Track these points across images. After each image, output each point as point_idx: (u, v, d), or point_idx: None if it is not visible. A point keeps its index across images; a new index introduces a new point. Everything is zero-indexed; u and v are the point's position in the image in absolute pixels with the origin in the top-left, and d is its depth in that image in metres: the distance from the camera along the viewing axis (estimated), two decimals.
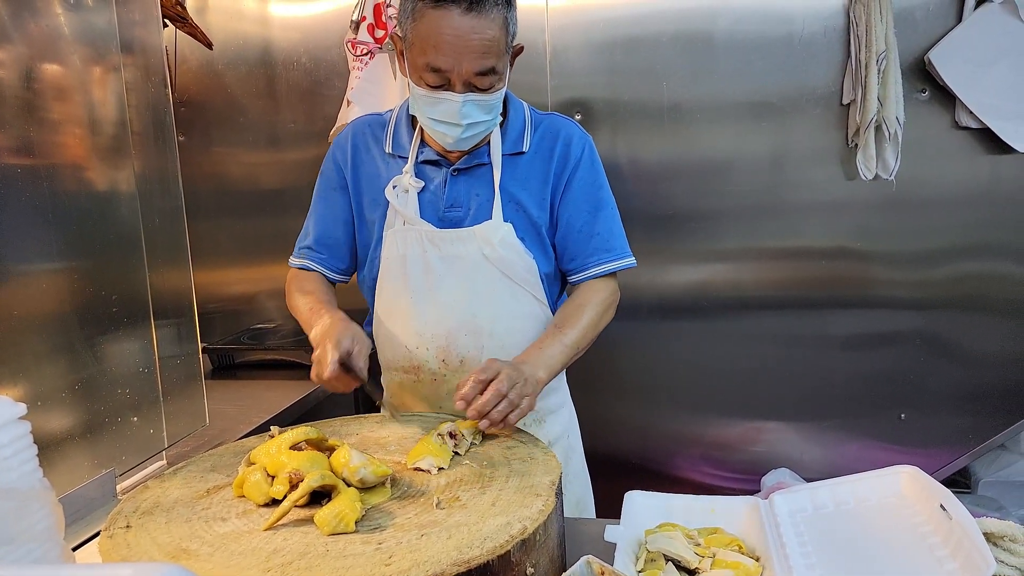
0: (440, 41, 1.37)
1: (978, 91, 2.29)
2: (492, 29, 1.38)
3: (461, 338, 1.57)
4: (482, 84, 1.42)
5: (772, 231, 2.52)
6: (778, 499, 1.25)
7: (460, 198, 1.58)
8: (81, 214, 1.38)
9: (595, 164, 1.65)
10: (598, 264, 1.61)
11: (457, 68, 1.39)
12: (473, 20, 1.36)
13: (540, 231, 1.60)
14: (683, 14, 2.45)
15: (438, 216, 1.58)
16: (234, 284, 2.89)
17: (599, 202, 1.62)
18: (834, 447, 2.61)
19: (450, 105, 1.43)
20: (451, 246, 1.56)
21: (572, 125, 1.66)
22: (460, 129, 1.46)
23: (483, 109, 1.46)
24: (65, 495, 1.26)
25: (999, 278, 2.43)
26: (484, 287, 1.56)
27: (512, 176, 1.59)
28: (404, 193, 1.59)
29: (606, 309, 1.60)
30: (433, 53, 1.39)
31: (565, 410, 1.77)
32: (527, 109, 1.65)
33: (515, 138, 1.60)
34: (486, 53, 1.39)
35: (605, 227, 1.62)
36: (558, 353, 1.47)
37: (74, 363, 1.35)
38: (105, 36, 1.46)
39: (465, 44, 1.37)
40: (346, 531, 0.96)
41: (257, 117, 2.77)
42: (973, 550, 0.95)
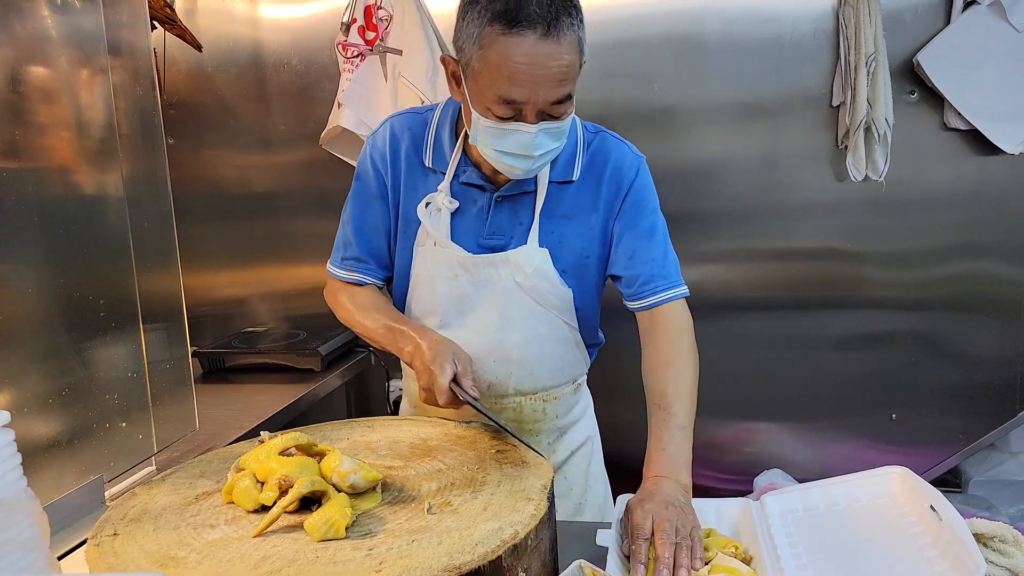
0: (515, 71, 1.24)
1: (966, 93, 2.30)
2: (569, 53, 1.26)
3: (489, 364, 1.52)
4: (556, 112, 1.30)
5: (763, 232, 2.52)
6: (769, 500, 1.25)
7: (503, 226, 1.49)
8: (68, 217, 1.37)
9: (647, 187, 1.55)
10: (656, 292, 1.49)
11: (533, 99, 1.27)
12: (551, 46, 1.23)
13: (584, 263, 1.52)
14: (673, 16, 2.45)
15: (478, 242, 1.49)
16: (225, 287, 2.88)
17: (652, 226, 1.53)
18: (826, 447, 2.62)
19: (523, 137, 1.31)
20: (483, 271, 1.48)
21: (624, 146, 1.55)
22: (532, 161, 1.35)
23: (554, 137, 1.34)
24: (52, 502, 1.25)
25: (988, 278, 2.45)
26: (515, 313, 1.50)
27: (558, 204, 1.49)
28: (437, 212, 1.49)
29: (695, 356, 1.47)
30: (507, 85, 1.26)
31: (587, 417, 1.73)
32: (580, 129, 1.54)
33: (565, 164, 1.49)
34: (563, 80, 1.27)
35: (660, 252, 1.52)
36: (685, 443, 1.34)
37: (61, 368, 1.34)
38: (92, 38, 1.45)
39: (543, 73, 1.25)
40: (336, 537, 0.96)
41: (247, 119, 2.76)
42: (963, 551, 0.96)
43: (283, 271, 2.82)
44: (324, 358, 2.41)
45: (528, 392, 1.57)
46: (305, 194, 2.77)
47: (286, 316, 2.84)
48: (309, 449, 1.14)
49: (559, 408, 1.63)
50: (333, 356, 2.48)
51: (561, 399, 1.63)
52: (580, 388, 1.71)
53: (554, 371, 1.59)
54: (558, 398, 1.62)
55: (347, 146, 2.62)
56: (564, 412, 1.65)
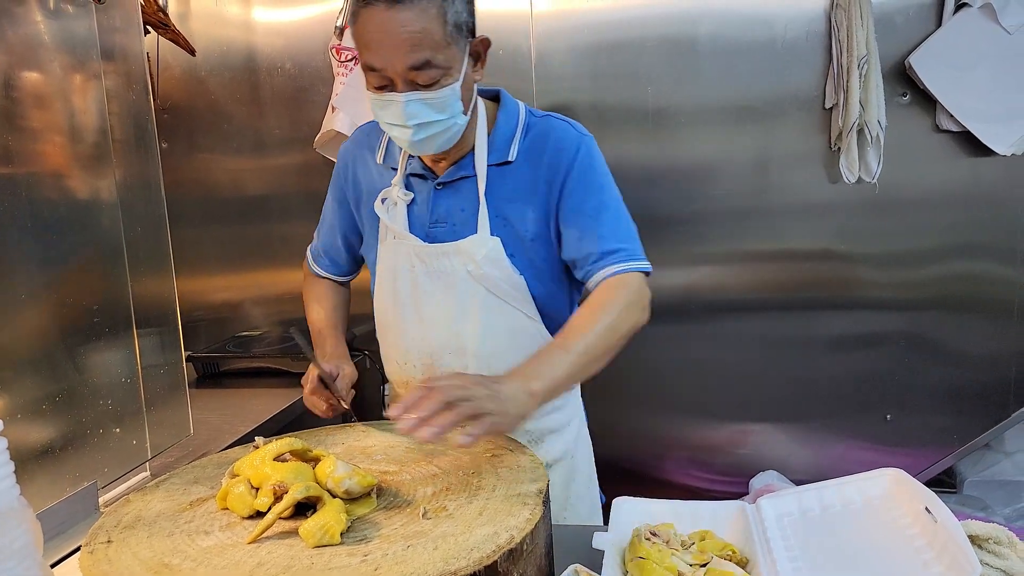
0: (370, 39, 1.32)
1: (958, 95, 2.31)
2: (423, 20, 1.30)
3: (446, 356, 1.53)
4: (422, 80, 1.34)
5: (757, 234, 2.53)
6: (765, 503, 1.25)
7: (444, 213, 1.52)
8: (62, 223, 1.37)
9: (593, 164, 1.52)
10: (605, 267, 1.45)
11: (390, 65, 1.32)
12: (400, 12, 1.29)
13: (528, 245, 1.51)
14: (666, 19, 2.46)
15: (424, 232, 1.53)
16: (219, 292, 2.87)
17: (600, 204, 1.49)
18: (821, 448, 2.62)
19: (395, 106, 1.36)
20: (437, 261, 1.50)
21: (566, 126, 1.54)
22: (410, 131, 1.38)
23: (432, 108, 1.36)
24: (46, 509, 1.25)
25: (981, 278, 2.45)
26: (469, 304, 1.50)
27: (499, 188, 1.50)
28: (393, 206, 1.54)
29: (625, 308, 1.40)
30: (367, 53, 1.34)
31: (570, 429, 1.68)
32: (522, 112, 1.55)
33: (501, 146, 1.51)
34: (416, 46, 1.31)
35: (609, 229, 1.48)
36: (560, 361, 1.29)
37: (54, 374, 1.34)
38: (85, 43, 1.44)
39: (393, 39, 1.30)
40: (331, 543, 0.95)
41: (241, 123, 2.76)
42: (959, 553, 0.96)
43: (277, 275, 2.81)
44: None
45: None
46: (299, 198, 2.76)
47: (280, 320, 2.84)
48: (304, 454, 1.14)
49: None
50: None
51: None
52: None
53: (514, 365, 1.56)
54: None
55: None
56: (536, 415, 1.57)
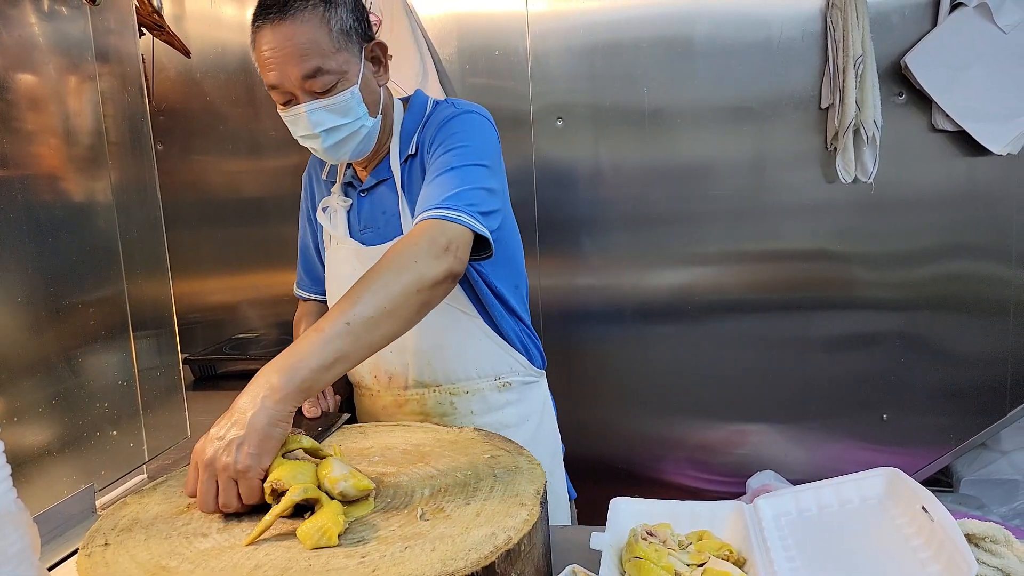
0: (265, 58, 1.39)
1: (954, 94, 2.31)
2: (306, 30, 1.36)
3: (387, 355, 1.53)
4: (317, 87, 1.39)
5: (753, 234, 2.53)
6: (762, 503, 1.25)
7: (370, 218, 1.58)
8: (57, 225, 1.36)
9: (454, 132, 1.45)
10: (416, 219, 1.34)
11: (286, 79, 1.38)
12: (284, 28, 1.36)
13: None
14: (662, 19, 2.46)
15: (358, 238, 1.60)
16: (216, 293, 2.87)
17: (441, 165, 1.40)
18: (818, 448, 2.62)
19: (301, 119, 1.42)
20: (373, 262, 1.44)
21: (447, 106, 1.53)
22: (319, 139, 1.44)
23: (335, 113, 1.42)
24: (43, 512, 1.24)
25: (977, 278, 2.46)
26: None
27: (409, 182, 1.55)
28: (334, 213, 1.61)
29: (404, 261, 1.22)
30: (265, 72, 1.40)
31: (528, 425, 1.66)
32: (429, 106, 1.58)
33: (406, 142, 1.56)
34: (304, 55, 1.37)
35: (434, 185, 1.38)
36: (312, 346, 1.14)
37: (51, 377, 1.33)
38: (80, 45, 1.44)
39: (283, 54, 1.37)
40: (329, 545, 0.95)
41: (237, 125, 2.75)
42: (955, 552, 0.96)
43: (274, 277, 2.81)
44: None
45: (430, 384, 1.58)
46: (295, 199, 2.72)
47: (277, 322, 2.83)
48: (316, 453, 1.14)
49: (473, 404, 1.59)
50: None
51: (476, 395, 1.59)
52: (509, 388, 1.63)
53: (457, 362, 1.57)
54: (470, 392, 1.59)
55: None
56: (484, 410, 1.61)
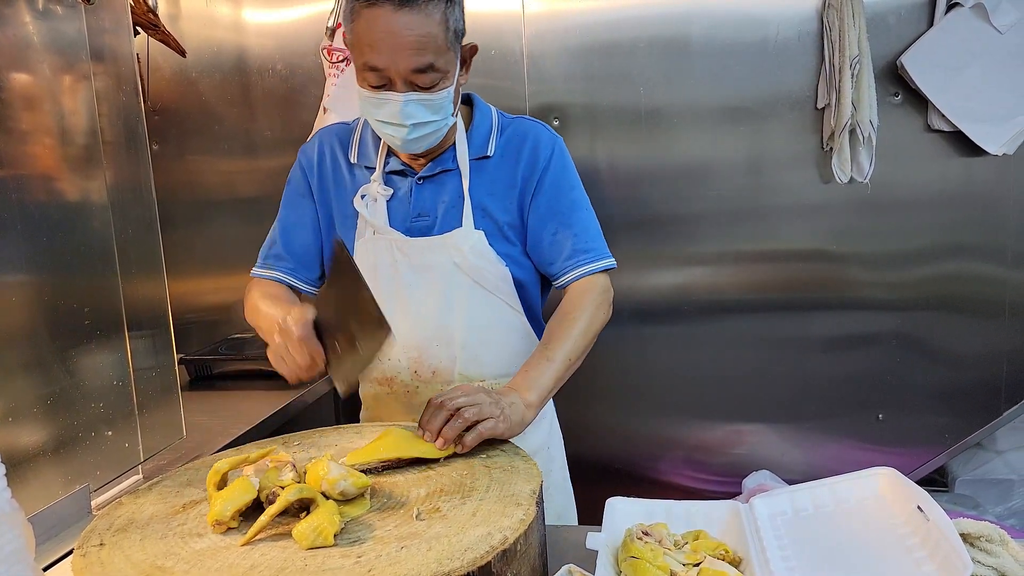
0: (375, 39, 1.35)
1: (950, 95, 2.32)
2: (428, 25, 1.35)
3: (432, 349, 1.55)
4: (422, 82, 1.39)
5: (749, 234, 2.53)
6: (758, 503, 1.25)
7: (426, 206, 1.56)
8: (51, 225, 1.36)
9: (566, 166, 1.60)
10: (577, 267, 1.55)
11: (394, 66, 1.36)
12: (407, 16, 1.33)
13: (509, 237, 1.57)
14: (659, 20, 2.46)
15: (406, 226, 1.56)
16: (211, 293, 2.86)
17: (572, 204, 1.58)
18: (814, 448, 2.63)
19: (392, 105, 1.40)
20: (421, 255, 1.53)
21: (540, 127, 1.62)
22: (405, 130, 1.42)
23: (429, 109, 1.42)
24: (38, 512, 1.24)
25: (973, 278, 2.46)
26: (456, 297, 1.54)
27: (479, 181, 1.56)
28: (373, 202, 1.56)
29: (595, 311, 1.51)
30: (370, 52, 1.36)
31: (545, 422, 1.73)
32: (495, 113, 1.62)
33: (480, 143, 1.57)
34: (422, 49, 1.35)
35: (580, 228, 1.57)
36: (547, 371, 1.40)
37: (46, 377, 1.33)
38: (75, 45, 1.44)
39: (399, 41, 1.34)
40: (325, 545, 0.95)
41: (232, 125, 2.75)
42: (951, 551, 0.96)
43: None
44: None
45: (475, 378, 1.58)
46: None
47: None
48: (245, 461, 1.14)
49: None
50: None
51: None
52: None
53: (501, 357, 1.59)
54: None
55: None
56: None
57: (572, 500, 1.79)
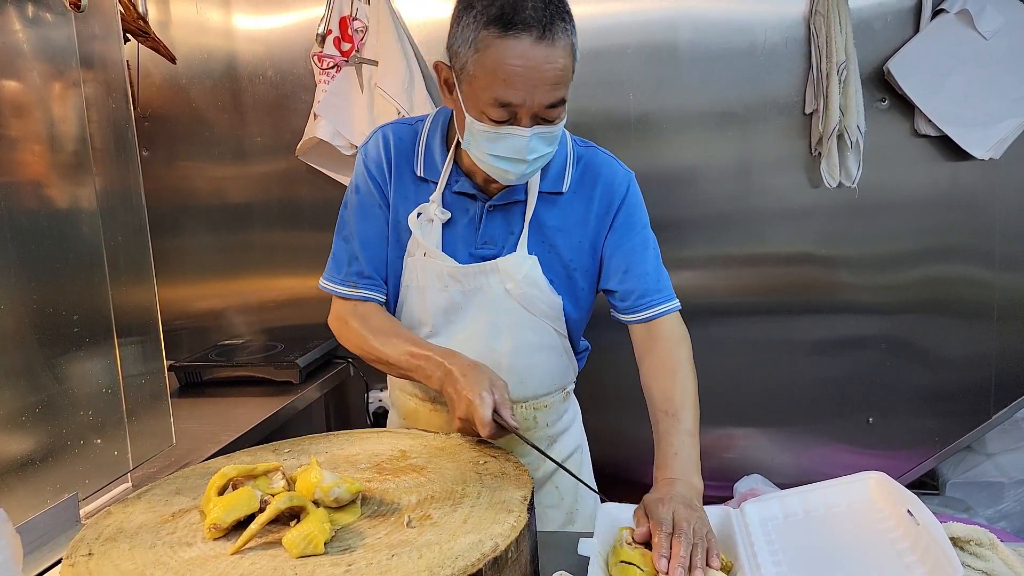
0: (511, 73, 1.25)
1: (936, 100, 2.34)
2: (563, 57, 1.28)
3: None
4: (550, 116, 1.32)
5: (739, 238, 2.54)
6: (749, 507, 1.26)
7: (495, 235, 1.50)
8: (41, 232, 1.35)
9: (639, 201, 1.58)
10: (653, 305, 1.52)
11: (529, 102, 1.28)
12: (546, 49, 1.25)
13: (572, 274, 1.53)
14: (646, 26, 2.47)
15: (470, 251, 1.49)
16: (201, 300, 2.85)
17: (645, 241, 1.55)
18: (804, 452, 2.63)
19: (517, 141, 1.32)
20: (473, 280, 1.49)
21: (614, 162, 1.57)
22: (525, 165, 1.35)
23: (547, 142, 1.36)
24: (26, 522, 1.23)
25: (960, 281, 2.48)
26: (504, 321, 1.50)
27: (548, 215, 1.50)
28: (428, 223, 1.49)
29: (692, 360, 1.54)
30: (503, 87, 1.27)
31: (577, 424, 1.74)
32: (570, 142, 1.55)
33: (555, 176, 1.51)
34: (558, 84, 1.29)
35: (653, 267, 1.55)
36: (690, 447, 1.40)
37: (34, 384, 1.32)
38: (65, 52, 1.43)
39: (538, 76, 1.26)
40: (315, 553, 0.95)
41: (223, 131, 2.74)
42: (940, 555, 0.96)
43: (260, 283, 2.80)
44: (302, 370, 2.40)
45: (519, 400, 1.55)
46: (281, 205, 2.75)
47: (263, 328, 2.82)
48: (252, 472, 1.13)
49: (549, 416, 1.63)
50: (311, 368, 2.47)
51: (551, 407, 1.63)
52: (569, 396, 1.71)
53: (544, 379, 1.59)
54: (548, 406, 1.62)
55: (323, 157, 2.61)
56: (554, 420, 1.65)
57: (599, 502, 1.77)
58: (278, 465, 1.16)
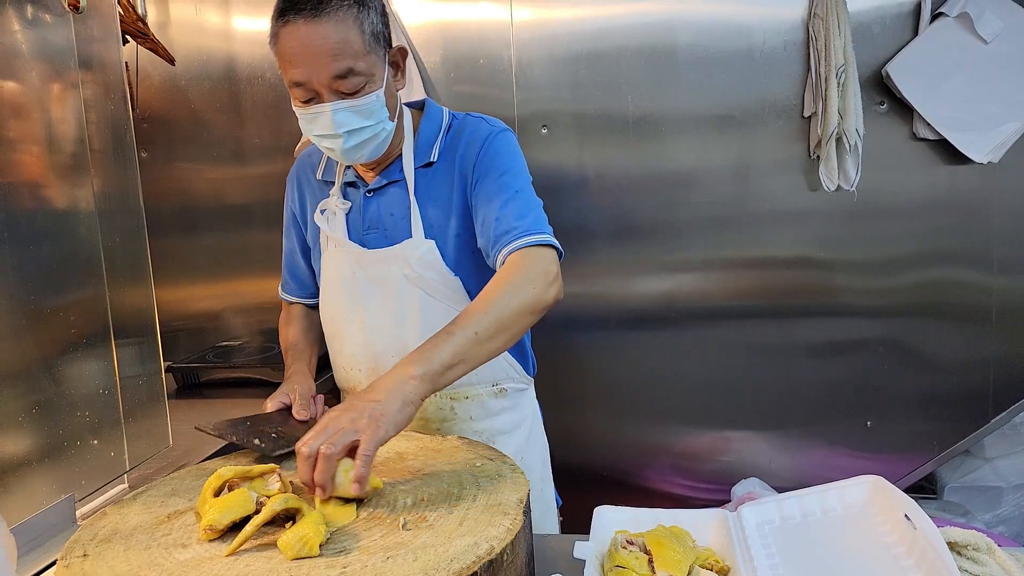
0: (292, 55, 1.37)
1: (935, 103, 2.33)
2: (341, 30, 1.36)
3: (389, 360, 1.52)
4: (346, 88, 1.39)
5: (737, 242, 2.54)
6: (746, 511, 1.25)
7: (376, 219, 1.57)
8: (39, 233, 1.35)
9: (499, 152, 1.53)
10: (505, 246, 1.43)
11: (315, 76, 1.37)
12: (317, 26, 1.35)
13: (460, 241, 1.54)
14: (645, 28, 2.47)
15: (359, 238, 1.58)
16: (199, 301, 2.85)
17: (501, 187, 1.49)
18: (802, 455, 2.63)
19: (324, 117, 1.40)
20: (375, 267, 1.55)
21: (480, 121, 1.59)
22: (340, 139, 1.42)
23: (359, 114, 1.42)
24: (21, 523, 1.23)
25: (958, 285, 2.48)
26: (408, 308, 1.54)
27: (425, 189, 1.55)
28: (332, 215, 1.59)
29: (521, 283, 1.36)
30: (290, 68, 1.38)
31: (522, 431, 1.69)
32: (446, 117, 1.60)
33: (424, 149, 1.56)
34: (337, 55, 1.36)
35: (509, 208, 1.46)
36: (443, 344, 1.24)
37: (31, 385, 1.32)
38: (63, 53, 1.43)
39: (314, 51, 1.35)
40: (310, 555, 0.95)
41: (221, 132, 2.74)
42: (937, 560, 0.96)
43: (258, 284, 2.80)
44: None
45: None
46: (279, 207, 2.69)
47: (261, 330, 2.82)
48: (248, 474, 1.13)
49: (472, 410, 1.62)
50: None
51: (474, 400, 1.62)
52: (505, 395, 1.66)
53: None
54: (470, 398, 1.62)
55: None
56: (481, 416, 1.63)
57: (553, 511, 1.76)
58: (274, 467, 1.16)
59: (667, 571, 1.03)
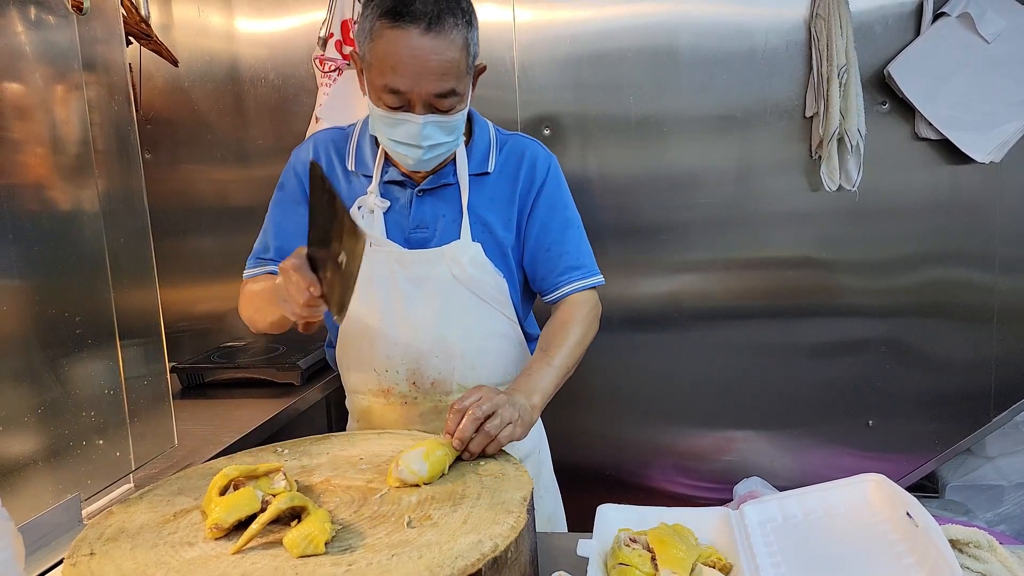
0: (398, 62, 1.35)
1: (937, 103, 2.34)
2: (452, 50, 1.36)
3: (432, 360, 1.56)
4: (442, 106, 1.40)
5: (739, 242, 2.55)
6: (748, 509, 1.26)
7: (426, 219, 1.57)
8: (43, 234, 1.36)
9: (560, 183, 1.64)
10: (571, 282, 1.59)
11: (417, 90, 1.37)
12: (432, 41, 1.34)
13: (506, 251, 1.60)
14: (646, 30, 2.48)
15: (404, 237, 1.57)
16: (203, 302, 2.86)
17: (566, 221, 1.62)
18: (804, 454, 2.63)
19: (410, 127, 1.41)
20: (419, 267, 1.55)
21: (537, 145, 1.65)
22: (421, 151, 1.44)
23: (444, 131, 1.44)
24: (28, 522, 1.23)
25: (960, 284, 2.48)
26: (454, 308, 1.55)
27: (478, 196, 1.58)
28: (370, 213, 1.57)
29: (590, 324, 1.58)
30: (391, 75, 1.36)
31: (536, 426, 1.75)
32: (492, 129, 1.64)
33: (480, 159, 1.59)
34: (445, 75, 1.37)
35: (574, 245, 1.61)
36: (549, 376, 1.45)
37: (37, 386, 1.33)
38: (67, 54, 1.44)
39: (424, 65, 1.35)
40: (316, 553, 0.95)
41: (225, 134, 2.75)
42: (939, 558, 0.97)
43: None
44: (303, 372, 2.40)
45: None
46: None
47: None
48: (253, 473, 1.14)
49: None
50: (313, 370, 2.47)
51: None
52: None
53: (496, 366, 1.61)
54: None
55: None
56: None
57: (561, 505, 1.80)
58: (279, 466, 1.16)
59: (670, 569, 1.04)
